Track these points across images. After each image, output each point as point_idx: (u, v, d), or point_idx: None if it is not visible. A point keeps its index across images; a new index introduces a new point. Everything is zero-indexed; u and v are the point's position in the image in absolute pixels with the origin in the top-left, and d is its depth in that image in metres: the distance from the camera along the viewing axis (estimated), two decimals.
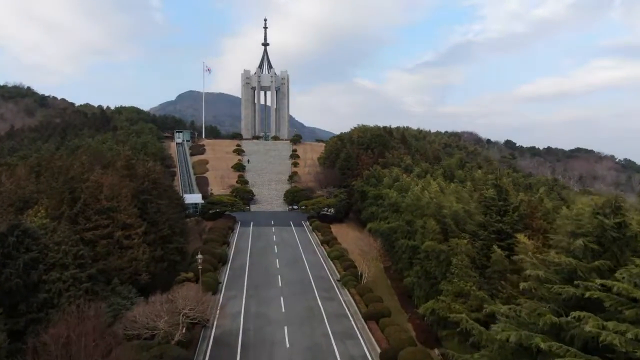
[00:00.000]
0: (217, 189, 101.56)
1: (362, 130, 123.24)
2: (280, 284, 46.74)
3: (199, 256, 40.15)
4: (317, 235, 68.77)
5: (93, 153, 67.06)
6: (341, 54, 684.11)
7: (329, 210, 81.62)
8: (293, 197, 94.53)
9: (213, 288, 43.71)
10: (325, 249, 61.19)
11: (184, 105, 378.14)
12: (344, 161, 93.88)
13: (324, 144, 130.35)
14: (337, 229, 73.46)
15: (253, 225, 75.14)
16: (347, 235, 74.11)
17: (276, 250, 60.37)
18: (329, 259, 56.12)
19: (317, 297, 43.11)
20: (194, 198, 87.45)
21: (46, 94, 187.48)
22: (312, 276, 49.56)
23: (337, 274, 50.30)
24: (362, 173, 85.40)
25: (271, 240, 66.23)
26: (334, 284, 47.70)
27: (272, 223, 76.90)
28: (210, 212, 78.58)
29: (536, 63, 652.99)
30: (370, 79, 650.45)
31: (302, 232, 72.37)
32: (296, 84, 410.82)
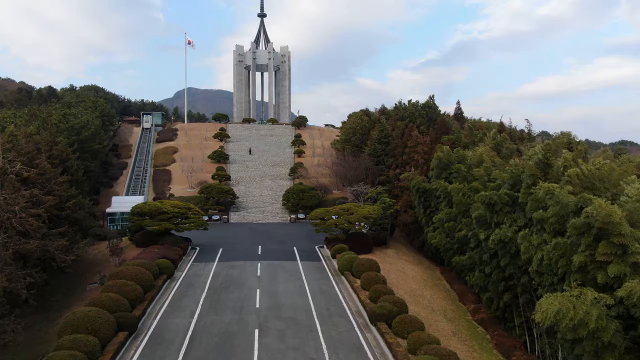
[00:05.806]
0: (182, 187, 63.43)
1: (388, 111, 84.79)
2: None
3: None
4: (352, 288, 29.38)
5: None
6: (343, 54, 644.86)
7: (365, 225, 42.52)
8: (297, 199, 56.46)
9: None
10: (388, 343, 21.91)
11: (181, 102, 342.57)
12: (379, 142, 55.61)
13: (336, 130, 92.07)
14: (385, 265, 35.15)
15: (220, 259, 35.93)
16: (404, 275, 35.73)
17: (257, 354, 20.86)
18: None
19: None
20: (130, 203, 48.87)
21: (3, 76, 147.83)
22: None
23: None
24: (416, 158, 47.45)
25: (251, 303, 26.64)
26: None
27: (259, 253, 37.93)
28: (146, 230, 40.00)
29: (540, 62, 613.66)
30: (372, 78, 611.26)
31: (318, 276, 32.86)
32: (298, 83, 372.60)
